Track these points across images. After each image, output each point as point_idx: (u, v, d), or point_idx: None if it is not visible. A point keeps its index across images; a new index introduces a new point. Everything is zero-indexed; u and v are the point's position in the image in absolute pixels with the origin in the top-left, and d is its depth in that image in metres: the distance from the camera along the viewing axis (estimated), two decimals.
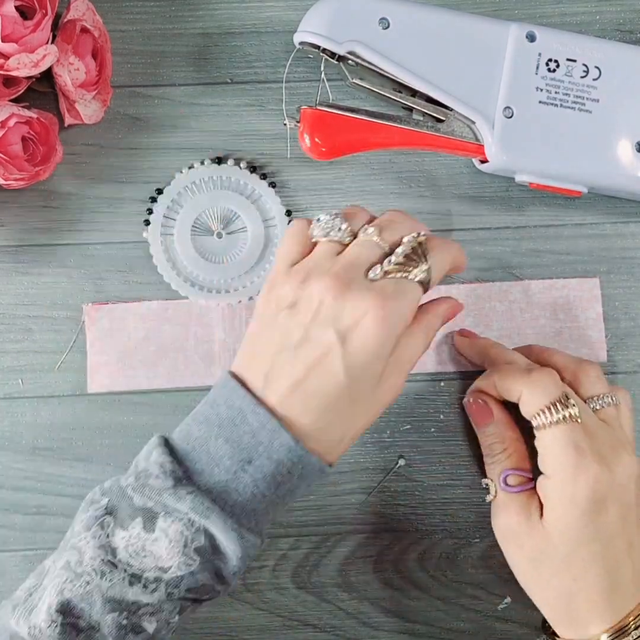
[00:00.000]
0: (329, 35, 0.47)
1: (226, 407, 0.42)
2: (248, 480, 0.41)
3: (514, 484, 0.47)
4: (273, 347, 0.42)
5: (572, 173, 0.49)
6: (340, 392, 0.41)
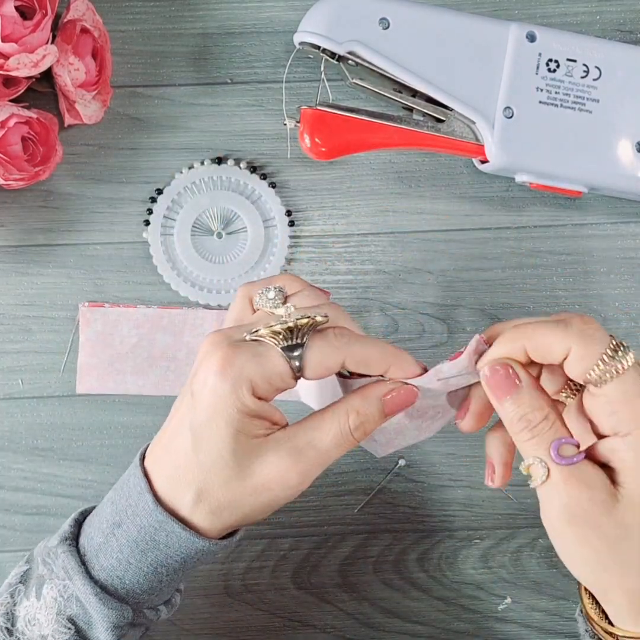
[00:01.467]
0: (329, 35, 0.47)
1: (127, 471, 0.42)
2: (114, 545, 0.40)
3: (569, 454, 0.37)
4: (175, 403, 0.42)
5: (572, 173, 0.49)
6: (186, 451, 0.39)
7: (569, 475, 0.37)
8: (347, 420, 0.39)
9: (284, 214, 0.52)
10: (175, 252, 0.52)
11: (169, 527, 0.39)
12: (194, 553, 0.40)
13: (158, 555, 0.40)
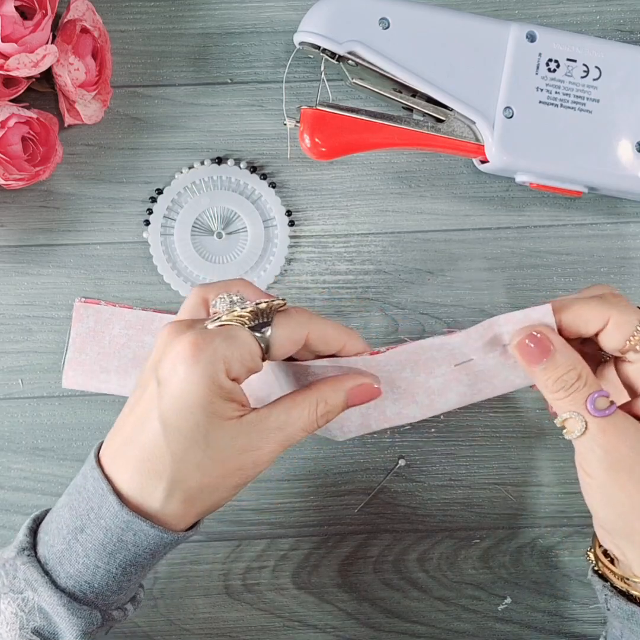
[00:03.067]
0: (329, 35, 0.47)
1: (80, 474, 0.41)
2: (79, 550, 0.39)
3: (604, 407, 0.39)
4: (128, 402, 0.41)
5: (572, 173, 0.49)
6: (156, 441, 0.38)
7: (606, 425, 0.39)
8: (316, 408, 0.40)
9: (284, 214, 0.52)
10: (175, 252, 0.52)
11: (136, 527, 0.39)
12: (162, 547, 0.40)
13: (126, 555, 0.40)
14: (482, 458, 0.53)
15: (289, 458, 0.53)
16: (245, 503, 0.53)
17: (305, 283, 0.53)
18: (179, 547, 0.52)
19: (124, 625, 0.53)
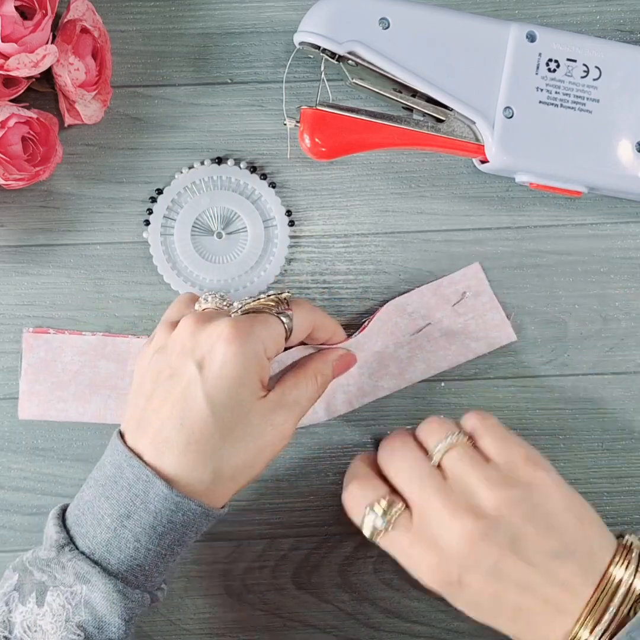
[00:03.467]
0: (329, 35, 0.47)
1: (110, 465, 0.42)
2: (129, 536, 0.41)
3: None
4: (144, 392, 0.43)
5: (572, 173, 0.49)
6: (205, 421, 0.41)
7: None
8: (316, 380, 0.46)
9: (284, 214, 0.52)
10: (175, 252, 0.52)
11: (185, 507, 0.41)
12: (206, 524, 0.43)
13: (175, 535, 0.42)
14: None
15: (289, 458, 0.53)
16: (245, 503, 0.53)
17: (305, 283, 0.53)
18: None
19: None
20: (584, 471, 0.53)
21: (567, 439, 0.53)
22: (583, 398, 0.53)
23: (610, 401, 0.53)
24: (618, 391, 0.53)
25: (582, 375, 0.53)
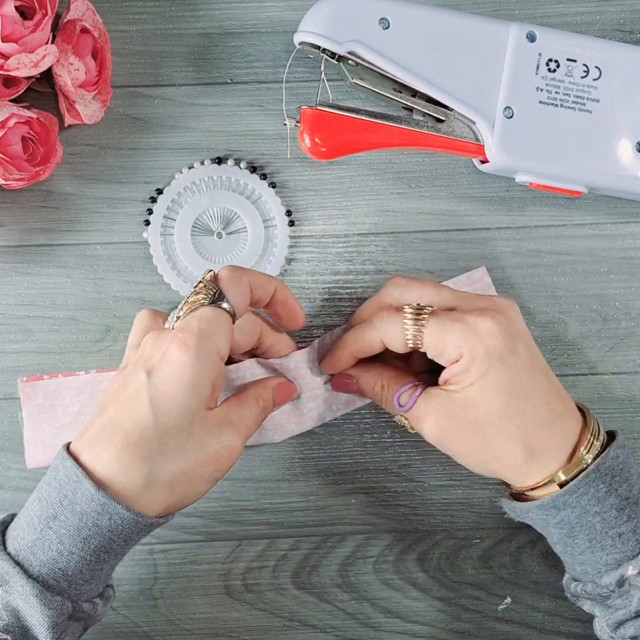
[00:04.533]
0: (329, 35, 0.47)
1: (50, 470, 0.42)
2: (53, 537, 0.40)
3: (406, 399, 0.46)
4: (101, 404, 0.43)
5: (572, 173, 0.49)
6: (145, 425, 0.40)
7: (415, 414, 0.45)
8: (258, 403, 0.45)
9: (284, 214, 0.52)
10: (175, 252, 0.52)
11: (112, 510, 0.39)
12: (136, 533, 0.41)
13: (101, 540, 0.40)
14: None
15: (289, 458, 0.53)
16: (245, 503, 0.53)
17: (305, 283, 0.53)
18: (178, 548, 0.52)
19: (124, 625, 0.53)
20: None
21: None
22: (583, 398, 0.53)
23: (610, 401, 0.53)
24: (618, 391, 0.53)
25: (582, 375, 0.53)
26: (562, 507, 0.44)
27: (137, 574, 0.53)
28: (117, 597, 0.52)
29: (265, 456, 0.53)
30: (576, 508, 0.43)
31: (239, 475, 0.53)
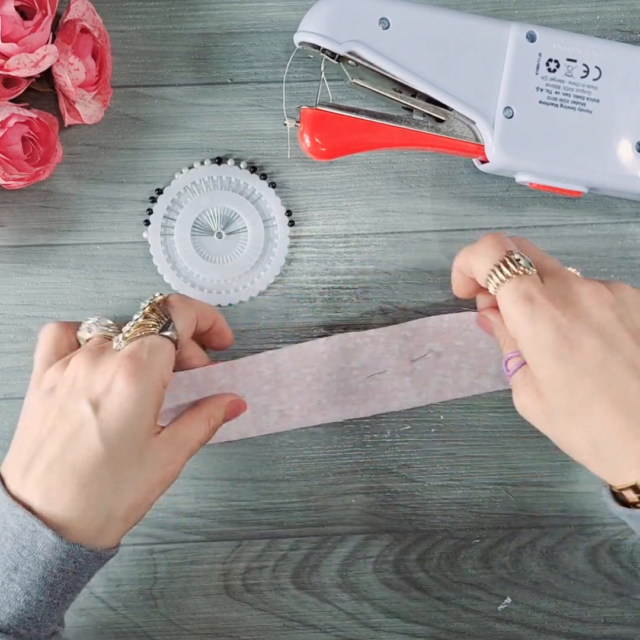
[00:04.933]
0: (329, 35, 0.47)
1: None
2: (17, 590, 0.39)
3: (513, 366, 0.44)
4: (32, 437, 0.41)
5: (572, 173, 0.49)
6: (99, 463, 0.39)
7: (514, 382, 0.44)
8: (209, 423, 0.46)
9: (284, 214, 0.52)
10: (175, 252, 0.52)
11: (76, 553, 0.39)
12: (98, 567, 0.41)
13: (67, 583, 0.40)
14: (482, 458, 0.53)
15: (289, 458, 0.53)
16: (245, 503, 0.53)
17: (305, 283, 0.53)
18: (178, 548, 0.52)
19: (124, 625, 0.53)
20: (585, 471, 0.53)
21: None
22: None
23: None
24: None
25: None
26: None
27: (137, 574, 0.53)
28: (117, 597, 0.53)
29: (265, 456, 0.53)
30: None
31: (239, 475, 0.53)
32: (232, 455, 0.53)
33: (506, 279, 0.41)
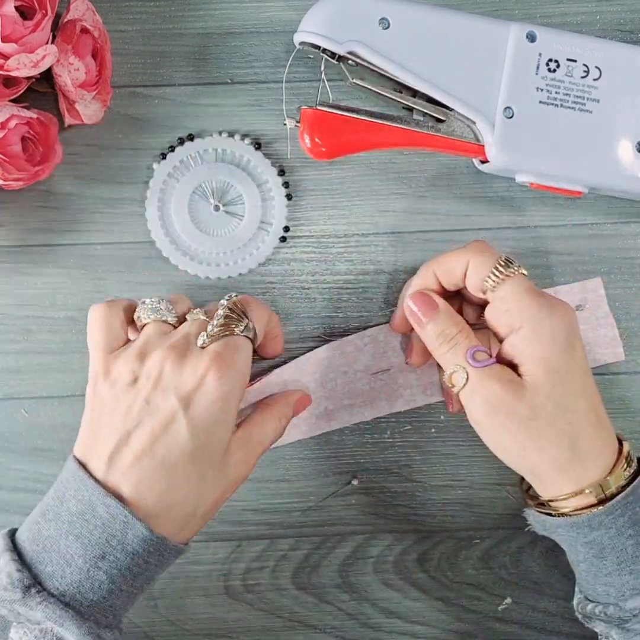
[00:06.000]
0: (329, 35, 0.47)
1: (76, 500, 0.40)
2: (103, 578, 0.39)
3: (482, 358, 0.44)
4: (115, 427, 0.41)
5: (572, 173, 0.49)
6: (187, 459, 0.40)
7: (483, 375, 0.43)
8: (280, 422, 0.46)
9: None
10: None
11: (164, 548, 0.40)
12: (174, 561, 0.42)
13: (148, 575, 0.41)
14: (482, 458, 0.53)
15: (289, 458, 0.53)
16: (245, 503, 0.53)
17: (305, 283, 0.53)
18: None
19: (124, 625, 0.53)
20: None
21: None
22: None
23: (610, 401, 0.53)
24: (618, 391, 0.53)
25: None
26: (597, 527, 0.42)
27: None
28: None
29: (265, 456, 0.53)
30: (611, 529, 0.42)
31: None
32: None
33: (506, 277, 0.43)
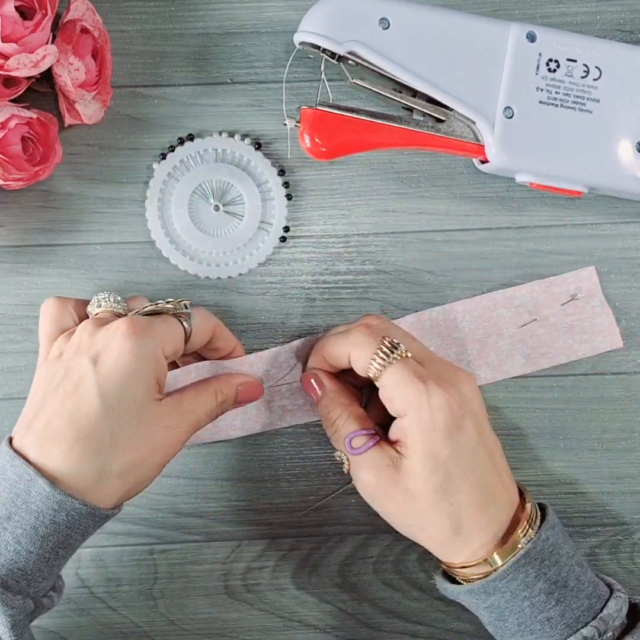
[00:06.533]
0: (329, 35, 0.47)
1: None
2: (9, 538, 0.39)
3: (360, 444, 0.45)
4: (36, 397, 0.42)
5: (572, 173, 0.49)
6: (96, 416, 0.40)
7: (360, 462, 0.45)
8: (216, 397, 0.46)
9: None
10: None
11: (69, 506, 0.39)
12: (92, 526, 0.41)
13: (59, 537, 0.40)
14: None
15: (289, 458, 0.53)
16: (245, 503, 0.53)
17: (305, 283, 0.53)
18: (178, 548, 0.52)
19: (124, 625, 0.53)
20: (584, 471, 0.53)
21: (567, 439, 0.53)
22: (583, 398, 0.53)
23: (610, 401, 0.53)
24: (618, 391, 0.53)
25: (582, 375, 0.53)
26: (492, 592, 0.44)
27: (137, 574, 0.53)
28: (117, 597, 0.53)
29: (265, 456, 0.53)
30: (506, 593, 0.44)
31: (239, 475, 0.53)
32: (232, 456, 0.53)
33: (388, 364, 0.44)
